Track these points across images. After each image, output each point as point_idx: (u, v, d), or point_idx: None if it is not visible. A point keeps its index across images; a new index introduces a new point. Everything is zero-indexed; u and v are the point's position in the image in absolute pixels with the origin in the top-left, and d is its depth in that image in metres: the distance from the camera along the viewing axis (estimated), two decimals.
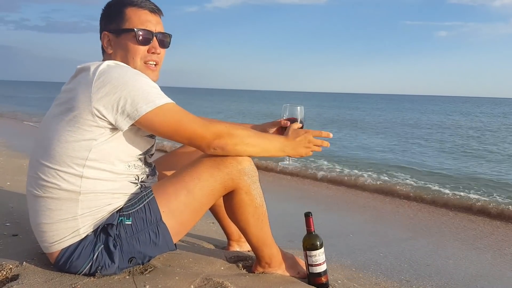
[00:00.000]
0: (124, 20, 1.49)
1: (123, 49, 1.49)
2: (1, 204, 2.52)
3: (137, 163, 1.49)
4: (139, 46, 1.49)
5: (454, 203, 4.57)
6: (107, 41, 1.51)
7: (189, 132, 1.41)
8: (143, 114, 1.33)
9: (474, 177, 6.60)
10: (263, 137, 1.55)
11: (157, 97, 1.36)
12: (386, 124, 19.46)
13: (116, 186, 1.44)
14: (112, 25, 1.50)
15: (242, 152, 1.48)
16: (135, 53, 1.49)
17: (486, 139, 13.26)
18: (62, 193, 1.38)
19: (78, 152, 1.36)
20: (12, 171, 3.88)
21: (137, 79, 1.36)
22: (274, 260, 1.69)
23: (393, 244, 2.83)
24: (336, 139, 11.68)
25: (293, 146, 1.59)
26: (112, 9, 1.52)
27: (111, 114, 1.33)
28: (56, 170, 1.37)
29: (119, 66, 1.39)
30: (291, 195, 4.92)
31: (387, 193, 5.09)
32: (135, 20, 1.49)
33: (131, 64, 1.49)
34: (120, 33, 1.49)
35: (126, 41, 1.48)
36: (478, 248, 3.07)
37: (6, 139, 6.86)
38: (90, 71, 1.35)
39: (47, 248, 1.45)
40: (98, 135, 1.36)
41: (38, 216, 1.42)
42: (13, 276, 1.46)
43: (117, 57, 1.50)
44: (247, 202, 1.55)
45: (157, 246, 1.47)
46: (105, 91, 1.31)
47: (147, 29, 1.50)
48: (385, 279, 2.12)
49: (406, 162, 8.01)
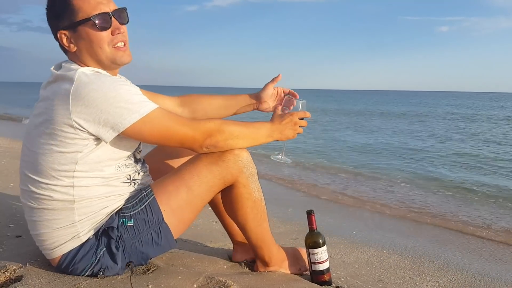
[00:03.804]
0: (75, 12, 1.36)
1: (86, 42, 1.39)
2: (5, 206, 2.53)
3: (127, 162, 1.47)
4: (101, 32, 1.38)
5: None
6: (66, 39, 1.40)
7: (179, 136, 1.39)
8: (128, 126, 1.31)
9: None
10: (251, 126, 1.52)
11: (141, 105, 1.32)
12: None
13: (109, 189, 1.42)
14: (64, 21, 1.38)
15: (234, 145, 1.47)
16: (100, 41, 1.39)
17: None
18: (56, 203, 1.37)
19: (64, 165, 1.33)
20: (15, 173, 3.88)
21: (117, 88, 1.30)
22: (273, 259, 1.69)
23: (396, 241, 2.82)
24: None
25: (280, 130, 1.57)
26: (57, 4, 1.39)
27: (92, 127, 1.29)
28: (46, 184, 1.35)
29: (96, 76, 1.33)
30: (293, 194, 4.91)
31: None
32: (86, 7, 1.37)
33: (100, 53, 1.40)
34: (76, 27, 1.37)
35: (86, 33, 1.38)
36: (481, 245, 3.07)
37: (9, 141, 6.87)
38: (67, 81, 1.30)
39: (49, 254, 1.45)
40: (82, 147, 1.33)
41: (36, 226, 1.42)
42: (16, 277, 1.47)
43: (82, 52, 1.40)
44: (245, 196, 1.54)
45: (160, 246, 1.48)
46: (84, 104, 1.27)
47: (102, 12, 1.38)
48: (388, 276, 2.12)
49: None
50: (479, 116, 23.11)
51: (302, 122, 1.61)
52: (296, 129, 1.59)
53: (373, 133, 13.77)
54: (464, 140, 11.75)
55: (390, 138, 12.20)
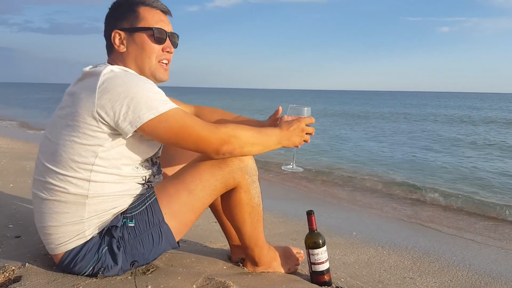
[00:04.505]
0: (138, 18, 1.47)
1: (138, 48, 1.48)
2: (4, 206, 2.53)
3: (144, 164, 1.49)
4: (155, 44, 1.49)
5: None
6: (119, 39, 1.48)
7: (194, 138, 1.39)
8: (145, 121, 1.32)
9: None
10: (263, 133, 1.52)
11: (161, 103, 1.34)
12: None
13: (124, 187, 1.44)
14: (125, 23, 1.48)
15: (247, 153, 1.48)
16: (151, 52, 1.49)
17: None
18: (69, 196, 1.38)
19: (84, 158, 1.35)
20: (15, 173, 3.89)
21: (141, 85, 1.34)
22: (262, 260, 1.70)
23: (396, 242, 2.82)
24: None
25: (287, 137, 1.56)
26: (123, 8, 1.49)
27: (113, 121, 1.32)
28: (63, 175, 1.37)
29: (123, 72, 1.38)
30: (295, 193, 4.91)
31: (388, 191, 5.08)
32: (150, 19, 1.48)
33: (146, 62, 1.49)
34: (135, 32, 1.47)
35: (142, 40, 1.48)
36: (483, 244, 3.07)
37: (9, 141, 6.87)
38: (95, 77, 1.34)
39: (52, 249, 1.45)
40: (103, 141, 1.35)
41: (44, 219, 1.42)
42: (15, 278, 1.47)
43: (130, 55, 1.48)
44: (245, 201, 1.54)
45: (160, 246, 1.47)
46: (108, 97, 1.31)
47: (162, 28, 1.50)
48: (389, 276, 2.11)
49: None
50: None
51: (309, 129, 1.60)
52: (303, 136, 1.59)
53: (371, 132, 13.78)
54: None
55: (390, 138, 12.20)
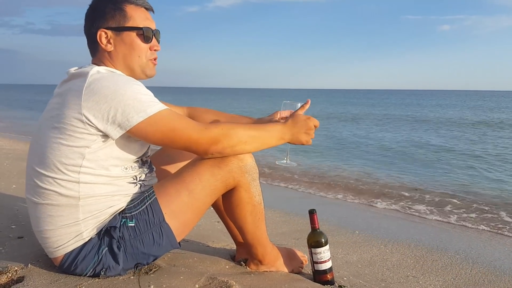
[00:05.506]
0: (126, 17, 1.46)
1: (126, 47, 1.47)
2: (7, 207, 2.54)
3: (134, 165, 1.47)
4: (144, 43, 1.48)
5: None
6: (106, 38, 1.46)
7: (184, 140, 1.37)
8: (134, 125, 1.31)
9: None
10: (261, 129, 1.49)
11: (149, 105, 1.33)
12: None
13: (115, 188, 1.42)
14: (111, 22, 1.46)
15: (241, 151, 1.45)
16: (141, 51, 1.48)
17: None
18: (61, 199, 1.37)
19: (71, 159, 1.34)
20: (18, 175, 3.90)
21: (128, 87, 1.32)
22: (267, 258, 1.69)
23: (399, 240, 2.81)
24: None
25: (292, 132, 1.52)
26: (108, 6, 1.46)
27: (101, 123, 1.30)
28: (52, 178, 1.36)
29: (110, 74, 1.37)
30: (297, 192, 4.91)
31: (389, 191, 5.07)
32: (137, 18, 1.47)
33: (136, 61, 1.48)
34: (122, 31, 1.46)
35: (131, 39, 1.47)
36: (486, 241, 3.05)
37: (11, 142, 6.89)
38: (81, 78, 1.33)
39: (52, 253, 1.45)
40: (91, 142, 1.33)
41: (40, 223, 1.41)
42: (18, 278, 1.47)
43: (118, 54, 1.47)
44: (246, 200, 1.53)
45: (161, 246, 1.47)
46: (95, 99, 1.29)
47: (149, 27, 1.49)
48: (391, 275, 2.11)
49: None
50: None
51: (313, 126, 1.54)
52: (311, 135, 1.55)
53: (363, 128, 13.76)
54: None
55: (395, 135, 12.18)
